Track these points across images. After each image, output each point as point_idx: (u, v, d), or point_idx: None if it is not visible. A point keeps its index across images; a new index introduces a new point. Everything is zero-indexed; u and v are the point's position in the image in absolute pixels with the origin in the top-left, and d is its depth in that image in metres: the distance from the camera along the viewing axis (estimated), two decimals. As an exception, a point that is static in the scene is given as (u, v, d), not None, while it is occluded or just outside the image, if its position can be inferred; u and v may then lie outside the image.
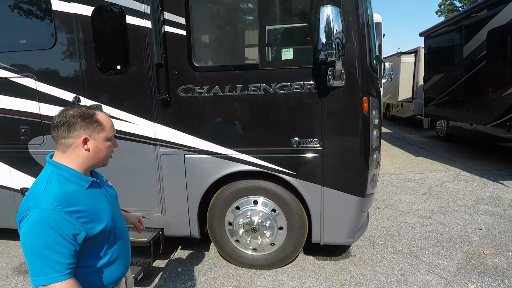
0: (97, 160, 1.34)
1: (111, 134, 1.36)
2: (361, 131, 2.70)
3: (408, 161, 7.50)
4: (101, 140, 1.31)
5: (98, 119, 1.31)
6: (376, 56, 3.10)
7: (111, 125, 1.37)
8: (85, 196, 1.27)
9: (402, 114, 13.17)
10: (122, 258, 1.43)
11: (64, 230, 1.14)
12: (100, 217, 1.29)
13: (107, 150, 1.36)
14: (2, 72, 3.11)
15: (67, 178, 1.25)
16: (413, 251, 3.44)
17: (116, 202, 1.49)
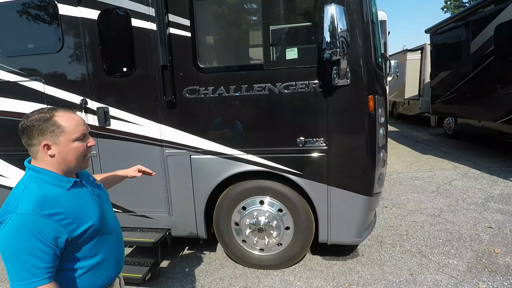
0: (68, 164, 1.26)
1: (77, 134, 1.24)
2: (367, 130, 2.68)
3: (416, 159, 7.42)
4: (64, 143, 1.22)
5: (55, 122, 1.21)
6: (381, 54, 3.08)
7: (76, 123, 1.25)
8: (66, 197, 1.23)
9: (409, 112, 13.05)
10: (113, 259, 1.40)
11: (43, 234, 1.12)
12: (84, 217, 1.25)
13: (77, 152, 1.25)
14: (11, 76, 3.17)
15: (46, 181, 1.22)
16: (422, 250, 3.41)
17: (106, 202, 1.45)
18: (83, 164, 1.31)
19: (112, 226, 1.42)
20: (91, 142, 1.31)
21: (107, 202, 1.48)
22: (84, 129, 1.29)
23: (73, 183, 1.28)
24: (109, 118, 3.05)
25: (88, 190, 1.36)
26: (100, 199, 1.40)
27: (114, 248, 1.41)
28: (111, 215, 1.46)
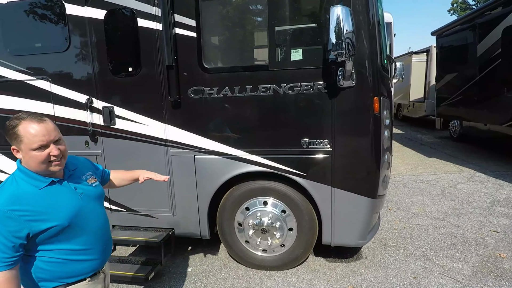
0: (34, 168, 1.36)
1: (33, 145, 1.30)
2: (372, 132, 2.67)
3: (420, 162, 7.37)
4: (25, 151, 1.32)
5: (16, 131, 1.30)
6: (387, 55, 3.06)
7: (34, 135, 1.30)
8: (37, 196, 1.35)
9: (414, 114, 12.97)
10: (90, 253, 1.50)
11: (6, 228, 1.26)
12: (50, 216, 1.34)
13: (36, 160, 1.32)
14: (19, 75, 3.20)
15: (23, 179, 1.36)
16: (426, 253, 3.38)
17: (92, 200, 1.54)
18: (51, 168, 1.38)
19: (92, 223, 1.51)
20: (53, 152, 1.35)
21: (95, 201, 1.57)
22: (43, 139, 1.32)
23: (49, 183, 1.39)
24: (114, 117, 3.07)
25: (69, 189, 1.46)
26: (84, 197, 1.49)
27: (92, 244, 1.50)
28: (95, 213, 1.55)
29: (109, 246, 1.66)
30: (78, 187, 1.50)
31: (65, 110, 3.15)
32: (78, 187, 1.50)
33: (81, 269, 1.48)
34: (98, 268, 1.57)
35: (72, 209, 1.42)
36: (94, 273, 1.54)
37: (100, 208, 1.62)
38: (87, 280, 1.51)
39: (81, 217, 1.45)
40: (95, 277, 1.55)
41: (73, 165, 1.59)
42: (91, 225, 1.51)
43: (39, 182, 1.38)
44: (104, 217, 1.64)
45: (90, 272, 1.52)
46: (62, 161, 1.42)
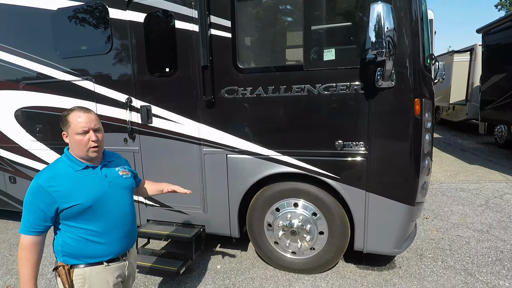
0: (77, 151, 1.59)
1: (78, 129, 1.54)
2: (412, 135, 2.54)
3: (461, 169, 6.93)
4: (71, 135, 1.57)
5: (67, 119, 1.57)
6: (429, 54, 2.90)
7: (80, 121, 1.55)
8: (70, 176, 1.55)
9: (454, 117, 12.21)
10: (107, 237, 1.60)
11: (40, 200, 1.48)
12: (76, 196, 1.51)
13: (80, 143, 1.56)
14: (66, 76, 3.42)
15: (65, 161, 1.60)
16: (467, 267, 3.16)
17: (119, 189, 1.68)
18: (89, 154, 1.59)
19: (114, 210, 1.63)
20: (92, 137, 1.57)
21: (122, 191, 1.70)
22: (85, 126, 1.56)
23: (84, 167, 1.60)
24: (151, 116, 3.18)
25: (99, 175, 1.63)
26: (112, 185, 1.64)
27: (110, 229, 1.61)
28: (119, 202, 1.67)
29: (129, 236, 1.72)
30: (108, 175, 1.66)
31: (107, 108, 3.32)
32: (108, 175, 1.66)
33: (97, 251, 1.58)
34: (115, 255, 1.65)
35: (96, 192, 1.57)
36: (111, 259, 1.63)
37: (127, 199, 1.72)
38: (104, 265, 1.61)
39: (104, 202, 1.59)
40: (113, 263, 1.64)
41: (111, 157, 1.77)
42: (112, 212, 1.62)
43: (76, 166, 1.59)
44: (129, 208, 1.73)
45: (106, 257, 1.61)
46: (99, 149, 1.62)
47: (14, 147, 3.86)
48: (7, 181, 4.04)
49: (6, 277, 3.25)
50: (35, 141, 3.72)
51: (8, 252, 3.77)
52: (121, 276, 1.69)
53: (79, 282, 1.57)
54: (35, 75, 3.54)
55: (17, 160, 3.89)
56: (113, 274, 1.64)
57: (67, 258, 1.57)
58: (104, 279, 1.61)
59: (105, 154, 1.74)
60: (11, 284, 3.10)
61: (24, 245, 1.48)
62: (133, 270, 1.84)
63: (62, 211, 1.51)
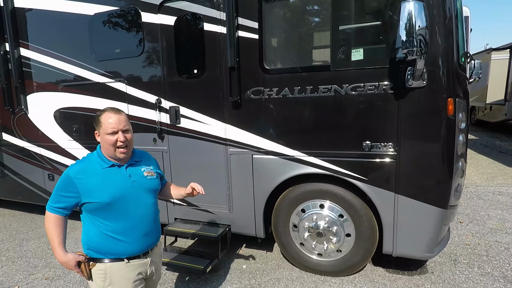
0: (106, 150, 1.67)
1: (109, 130, 1.62)
2: (444, 136, 2.44)
3: (499, 171, 6.53)
4: (102, 134, 1.66)
5: (99, 119, 1.66)
6: (464, 52, 2.78)
7: (110, 122, 1.63)
8: (97, 173, 1.63)
9: (491, 118, 11.53)
10: (127, 235, 1.65)
11: (66, 187, 1.60)
12: (98, 192, 1.59)
13: (108, 142, 1.63)
14: (101, 78, 3.60)
15: (95, 157, 1.69)
16: (507, 275, 2.98)
17: (142, 189, 1.72)
18: (117, 154, 1.66)
19: (136, 209, 1.68)
20: (120, 138, 1.64)
21: (146, 191, 1.74)
22: (114, 127, 1.63)
23: (110, 165, 1.67)
24: (179, 116, 3.27)
25: (123, 174, 1.69)
26: (135, 185, 1.69)
27: (130, 228, 1.66)
28: (142, 201, 1.71)
29: (150, 236, 1.75)
30: (133, 175, 1.71)
31: (137, 109, 3.46)
32: (133, 175, 1.71)
33: (117, 248, 1.64)
34: (135, 253, 1.69)
35: (118, 191, 1.63)
36: (132, 257, 1.68)
37: (150, 199, 1.76)
38: (125, 262, 1.66)
39: (125, 201, 1.64)
40: (133, 260, 1.68)
41: (139, 157, 1.82)
42: (133, 211, 1.67)
43: (103, 163, 1.67)
44: (152, 208, 1.77)
45: (126, 255, 1.66)
46: (127, 150, 1.69)
47: (52, 146, 4.11)
48: (46, 178, 4.31)
49: (45, 269, 3.46)
50: (71, 140, 3.94)
51: (47, 246, 4.01)
52: (142, 274, 1.72)
53: (100, 277, 1.64)
54: (72, 77, 3.76)
55: (55, 159, 4.14)
56: (134, 271, 1.69)
57: (90, 251, 1.66)
58: (125, 276, 1.66)
59: (134, 154, 1.79)
60: (49, 277, 3.30)
61: (49, 219, 1.62)
62: (158, 268, 1.86)
63: (83, 205, 1.62)
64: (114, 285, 1.65)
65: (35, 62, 3.96)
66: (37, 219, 4.92)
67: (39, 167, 4.31)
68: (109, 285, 1.65)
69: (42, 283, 3.18)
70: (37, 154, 4.26)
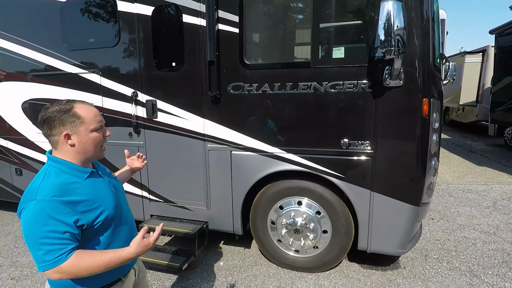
0: (87, 153, 1.31)
1: (95, 124, 1.30)
2: (419, 135, 2.50)
3: (469, 170, 6.83)
4: (84, 133, 1.28)
5: (75, 113, 1.27)
6: (440, 54, 2.85)
7: (94, 114, 1.31)
8: (83, 186, 1.28)
9: (463, 119, 12.03)
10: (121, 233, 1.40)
11: (61, 217, 1.16)
12: (100, 206, 1.29)
13: (95, 141, 1.31)
14: (73, 68, 3.43)
15: (64, 171, 1.26)
16: (473, 269, 3.12)
17: (121, 193, 1.49)
18: (101, 153, 1.38)
19: (127, 217, 1.47)
20: (107, 133, 1.39)
21: (122, 193, 1.52)
22: (101, 119, 1.35)
23: (90, 173, 1.33)
24: (156, 110, 3.18)
25: (104, 180, 1.40)
26: (116, 189, 1.44)
27: (128, 239, 1.36)
28: (125, 206, 1.50)
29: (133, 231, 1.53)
30: (108, 179, 1.44)
31: (113, 102, 3.33)
32: (108, 179, 1.44)
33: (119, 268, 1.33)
34: (130, 266, 1.48)
35: (112, 199, 1.37)
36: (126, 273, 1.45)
37: (126, 201, 1.54)
38: (122, 280, 1.42)
39: (119, 209, 1.40)
40: (127, 275, 1.46)
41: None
42: (126, 218, 1.46)
43: (81, 173, 1.30)
44: (130, 211, 1.57)
45: (125, 271, 1.44)
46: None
47: (20, 139, 3.89)
48: (13, 173, 4.09)
49: (11, 269, 3.29)
50: (41, 134, 3.74)
51: (14, 244, 3.82)
52: (132, 278, 1.52)
53: None
54: (42, 67, 3.56)
55: (24, 152, 3.93)
56: (129, 284, 1.48)
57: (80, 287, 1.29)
58: None
59: None
60: (15, 276, 3.14)
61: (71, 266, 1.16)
62: (141, 267, 1.67)
63: (87, 229, 1.25)
64: None
65: (1, 50, 3.72)
66: (3, 216, 4.67)
67: (6, 162, 4.08)
68: None
69: (7, 283, 3.02)
70: (3, 147, 4.03)
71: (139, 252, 1.26)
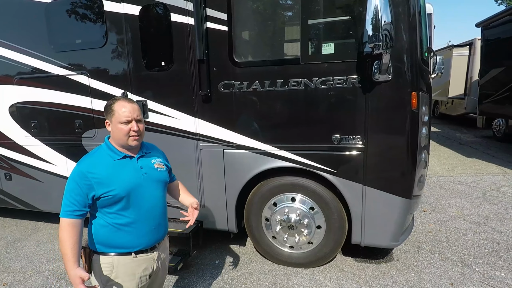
0: (117, 140, 1.63)
1: (122, 119, 1.59)
2: (409, 129, 2.53)
3: (459, 162, 6.95)
4: (114, 123, 1.61)
5: (112, 107, 1.62)
6: (427, 48, 2.88)
7: (124, 111, 1.59)
8: (109, 165, 1.59)
9: (452, 112, 12.22)
10: (137, 227, 1.63)
11: (81, 185, 1.52)
12: (113, 184, 1.55)
13: (121, 132, 1.60)
14: (61, 70, 3.38)
15: (105, 150, 1.65)
16: (464, 259, 3.18)
17: (153, 181, 1.70)
18: (129, 142, 1.63)
19: (146, 201, 1.66)
20: (133, 127, 1.61)
21: (156, 183, 1.72)
22: (128, 115, 1.60)
23: (122, 157, 1.64)
24: (147, 110, 3.15)
25: (135, 166, 1.66)
26: (146, 177, 1.67)
27: (143, 220, 1.64)
28: (152, 194, 1.69)
29: (158, 230, 1.73)
30: (144, 166, 1.69)
31: (102, 103, 3.28)
32: (144, 167, 1.68)
33: (126, 241, 1.61)
34: (144, 247, 1.67)
35: (130, 182, 1.60)
36: (139, 250, 1.65)
37: (159, 192, 1.74)
38: (133, 255, 1.63)
39: (137, 193, 1.61)
40: (141, 255, 1.66)
41: (148, 149, 1.80)
42: (144, 203, 1.65)
43: (115, 155, 1.63)
44: (162, 201, 1.75)
45: (135, 248, 1.63)
46: (139, 138, 1.66)
47: (9, 143, 3.83)
48: (2, 178, 4.02)
49: (3, 275, 3.24)
50: (30, 137, 3.69)
51: (5, 250, 3.76)
52: (148, 270, 1.70)
53: (107, 270, 1.62)
54: (29, 69, 3.50)
55: (12, 157, 3.86)
56: (140, 267, 1.66)
57: (98, 245, 1.62)
58: (131, 271, 1.64)
59: (143, 146, 1.78)
60: (8, 282, 3.10)
61: (63, 227, 1.52)
62: (164, 263, 1.85)
63: (98, 199, 1.55)
64: (119, 279, 1.62)
65: (-14, 52, 3.65)
66: (-6, 222, 4.60)
67: (-5, 166, 4.01)
68: (115, 278, 1.62)
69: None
70: (-9, 152, 3.96)
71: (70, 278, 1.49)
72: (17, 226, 4.44)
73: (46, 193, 3.82)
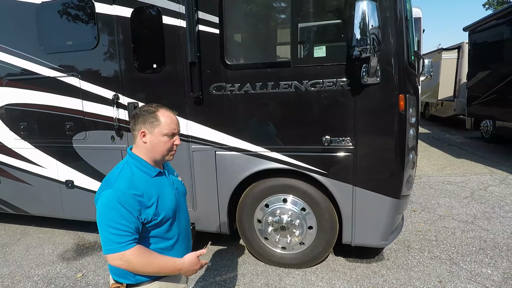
0: (155, 153, 1.42)
1: (167, 130, 1.40)
2: (396, 130, 2.59)
3: (448, 162, 7.07)
4: (156, 135, 1.39)
5: (156, 115, 1.39)
6: (414, 51, 2.95)
7: (170, 122, 1.41)
8: (150, 183, 1.40)
9: (442, 113, 12.44)
10: (180, 248, 1.51)
11: (130, 207, 1.28)
12: (159, 204, 1.38)
13: (164, 145, 1.41)
14: (51, 72, 3.36)
15: (137, 166, 1.41)
16: (452, 257, 3.25)
17: (182, 195, 1.57)
18: (168, 157, 1.47)
19: (183, 219, 1.54)
20: (177, 141, 1.46)
21: (183, 197, 1.60)
22: (175, 128, 1.44)
23: (158, 173, 1.45)
24: (139, 113, 3.15)
25: (169, 181, 1.51)
26: (177, 192, 1.52)
27: (182, 238, 1.52)
28: (184, 209, 1.57)
29: (190, 246, 1.62)
30: (174, 181, 1.54)
31: (93, 105, 3.28)
32: (174, 182, 1.54)
33: None
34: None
35: (174, 201, 1.46)
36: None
37: (185, 204, 1.61)
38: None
39: (178, 209, 1.49)
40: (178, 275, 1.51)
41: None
42: (182, 221, 1.52)
43: (150, 171, 1.42)
44: (188, 214, 1.63)
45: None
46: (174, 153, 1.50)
47: (-2, 146, 3.78)
48: (-9, 181, 3.96)
49: (-7, 278, 3.20)
50: (19, 140, 3.65)
51: (-5, 253, 3.70)
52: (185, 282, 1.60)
53: None
54: (19, 71, 3.47)
55: (1, 160, 3.81)
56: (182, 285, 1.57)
57: (138, 276, 1.38)
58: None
59: None
60: (-3, 285, 3.06)
61: (134, 257, 1.27)
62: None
63: (146, 223, 1.35)
64: None
65: (-26, 53, 3.61)
66: (-18, 226, 4.52)
67: (-17, 169, 3.95)
68: None
69: (-12, 295, 2.94)
70: (-21, 155, 3.90)
71: (188, 268, 1.40)
72: (5, 230, 4.37)
73: (36, 196, 3.78)
